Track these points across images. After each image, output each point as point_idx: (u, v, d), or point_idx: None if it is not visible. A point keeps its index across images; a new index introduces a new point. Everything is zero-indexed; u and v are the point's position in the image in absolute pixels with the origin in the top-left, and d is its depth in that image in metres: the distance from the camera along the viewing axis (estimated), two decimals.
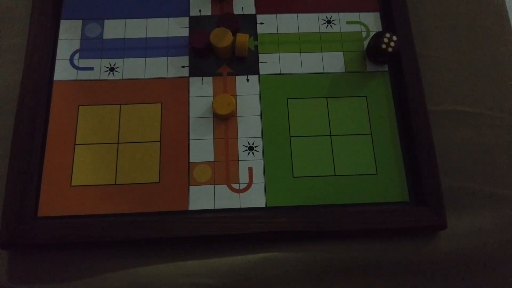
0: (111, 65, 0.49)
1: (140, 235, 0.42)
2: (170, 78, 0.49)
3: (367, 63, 0.50)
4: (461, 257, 0.44)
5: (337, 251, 0.44)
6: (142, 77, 0.49)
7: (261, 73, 0.50)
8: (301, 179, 0.46)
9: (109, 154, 0.46)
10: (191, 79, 0.49)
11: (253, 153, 0.46)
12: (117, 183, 0.45)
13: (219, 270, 0.43)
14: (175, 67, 0.49)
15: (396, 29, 0.50)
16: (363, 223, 0.43)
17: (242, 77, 0.49)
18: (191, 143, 0.46)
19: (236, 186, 0.45)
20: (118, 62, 0.49)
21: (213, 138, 0.47)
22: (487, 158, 0.48)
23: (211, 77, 0.49)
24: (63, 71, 0.49)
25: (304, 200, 0.45)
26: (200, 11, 0.52)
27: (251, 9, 0.52)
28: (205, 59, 0.50)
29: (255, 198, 0.45)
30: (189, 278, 0.42)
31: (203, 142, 0.46)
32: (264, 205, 0.44)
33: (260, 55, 0.50)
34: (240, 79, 0.49)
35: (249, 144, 0.47)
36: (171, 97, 0.48)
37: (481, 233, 0.45)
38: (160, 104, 0.48)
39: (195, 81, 0.49)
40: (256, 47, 0.51)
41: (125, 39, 0.50)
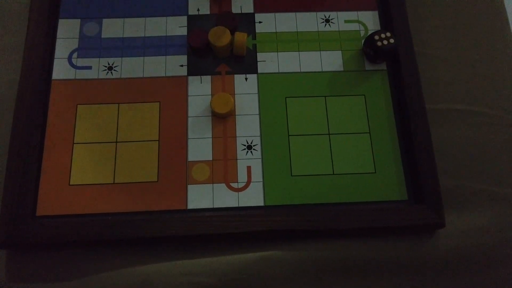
0: (109, 64, 0.49)
1: (138, 234, 0.42)
2: (168, 77, 0.49)
3: (365, 62, 0.50)
4: (460, 255, 0.44)
5: (336, 250, 0.44)
6: (140, 76, 0.49)
7: (259, 72, 0.50)
8: (300, 177, 0.46)
9: (107, 153, 0.46)
10: (190, 78, 0.49)
11: (251, 152, 0.46)
12: (115, 182, 0.45)
13: (218, 269, 0.43)
14: (174, 66, 0.49)
15: (394, 27, 0.50)
16: (361, 222, 0.43)
17: (240, 76, 0.49)
18: (190, 142, 0.46)
19: (234, 185, 0.45)
20: (116, 61, 0.49)
21: (211, 137, 0.47)
22: (485, 156, 0.48)
23: (210, 76, 0.49)
24: (61, 70, 0.48)
25: (302, 198, 0.45)
26: (198, 10, 0.52)
27: (249, 8, 0.52)
28: (204, 58, 0.50)
29: (254, 197, 0.45)
30: (187, 276, 0.42)
31: (201, 141, 0.46)
32: (262, 204, 0.44)
33: (258, 54, 0.50)
34: (238, 78, 0.49)
35: (248, 143, 0.47)
36: (170, 96, 0.48)
37: (480, 232, 0.45)
38: (158, 103, 0.48)
39: (193, 80, 0.49)
40: (254, 46, 0.51)
41: (123, 38, 0.50)
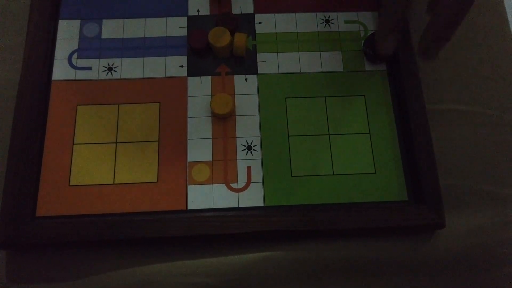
0: (109, 65, 0.49)
1: (138, 234, 0.42)
2: (168, 77, 0.49)
3: (365, 62, 0.50)
4: (460, 255, 0.44)
5: (336, 250, 0.44)
6: (140, 76, 0.49)
7: (259, 72, 0.50)
8: (300, 178, 0.45)
9: (107, 153, 0.46)
10: (190, 79, 0.49)
11: (251, 152, 0.46)
12: (115, 183, 0.45)
13: (218, 269, 0.43)
14: (174, 66, 0.49)
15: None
16: (361, 222, 0.43)
17: (240, 77, 0.49)
18: (190, 142, 0.46)
19: (234, 185, 0.45)
20: (116, 61, 0.49)
21: (211, 137, 0.47)
22: (486, 156, 0.48)
23: (210, 77, 0.49)
24: (61, 71, 0.48)
25: (302, 199, 0.45)
26: (198, 11, 0.52)
27: (249, 9, 0.52)
28: (204, 58, 0.50)
29: (254, 197, 0.45)
30: (187, 277, 0.42)
31: (201, 141, 0.46)
32: (262, 204, 0.44)
33: (258, 54, 0.50)
34: (238, 79, 0.49)
35: (248, 143, 0.47)
36: (170, 96, 0.48)
37: (480, 232, 0.45)
38: (158, 103, 0.48)
39: (193, 81, 0.49)
40: (254, 47, 0.51)
41: (123, 38, 0.50)
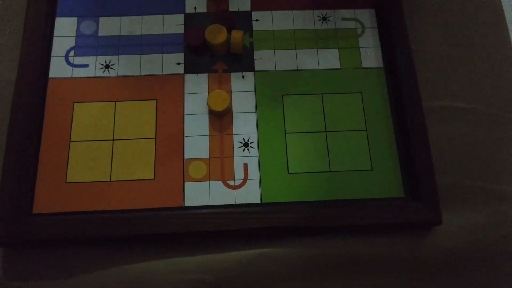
0: (106, 62, 0.49)
1: (135, 231, 0.42)
2: (165, 75, 0.49)
3: (362, 60, 0.50)
4: (456, 252, 0.44)
5: (332, 247, 0.44)
6: (137, 74, 0.49)
7: (256, 69, 0.50)
8: (296, 175, 0.46)
9: (104, 151, 0.46)
10: (186, 76, 0.49)
11: (248, 149, 0.46)
12: (112, 180, 0.45)
13: (215, 266, 0.43)
14: (170, 64, 0.49)
15: (391, 25, 0.50)
16: (358, 219, 0.43)
17: (237, 74, 0.49)
18: (186, 139, 0.46)
19: (231, 182, 0.45)
20: (113, 59, 0.49)
21: (208, 134, 0.47)
22: (482, 154, 0.48)
23: (206, 74, 0.49)
24: (58, 69, 0.48)
25: (299, 196, 0.45)
26: (195, 8, 0.52)
27: (246, 6, 0.52)
28: (201, 56, 0.50)
29: (251, 194, 0.45)
30: (184, 274, 0.42)
31: (198, 138, 0.46)
32: (259, 201, 0.44)
33: (255, 51, 0.50)
34: (235, 76, 0.49)
35: (245, 140, 0.47)
36: (166, 94, 0.48)
37: (476, 229, 0.45)
38: (155, 101, 0.48)
39: (190, 78, 0.49)
40: (251, 44, 0.51)
41: (120, 36, 0.50)
